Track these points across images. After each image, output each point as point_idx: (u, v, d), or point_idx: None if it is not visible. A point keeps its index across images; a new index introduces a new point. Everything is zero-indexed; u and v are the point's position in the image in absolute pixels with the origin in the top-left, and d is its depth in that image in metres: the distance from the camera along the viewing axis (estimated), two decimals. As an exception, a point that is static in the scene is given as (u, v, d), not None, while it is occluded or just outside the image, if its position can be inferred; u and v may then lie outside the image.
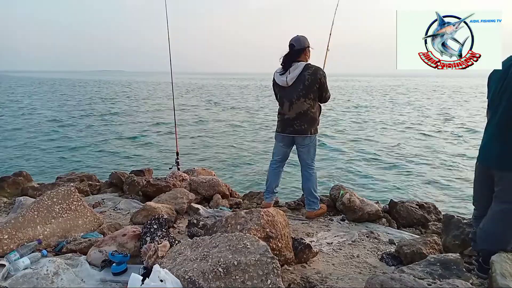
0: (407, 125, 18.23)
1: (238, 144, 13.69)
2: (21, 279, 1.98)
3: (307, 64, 3.19)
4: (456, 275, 1.99)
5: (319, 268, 2.42)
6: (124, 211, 3.58)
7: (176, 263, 1.92)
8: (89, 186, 4.52)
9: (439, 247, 2.55)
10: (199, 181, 4.06)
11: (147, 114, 22.79)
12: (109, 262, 2.16)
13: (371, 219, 3.37)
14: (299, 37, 3.23)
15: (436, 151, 12.28)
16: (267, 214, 2.35)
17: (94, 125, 18.20)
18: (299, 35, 3.24)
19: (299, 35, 3.24)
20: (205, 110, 25.19)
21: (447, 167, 10.12)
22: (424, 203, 3.68)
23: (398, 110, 25.47)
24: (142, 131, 16.47)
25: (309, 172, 3.39)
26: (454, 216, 2.80)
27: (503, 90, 2.09)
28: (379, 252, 2.71)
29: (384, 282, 1.76)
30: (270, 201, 3.59)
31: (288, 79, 3.20)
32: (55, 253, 2.44)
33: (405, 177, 9.28)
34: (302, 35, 3.25)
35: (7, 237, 2.39)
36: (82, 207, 2.83)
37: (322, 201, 3.62)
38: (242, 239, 1.95)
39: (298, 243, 2.45)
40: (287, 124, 3.32)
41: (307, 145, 3.33)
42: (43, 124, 18.07)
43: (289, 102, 3.26)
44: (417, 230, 3.35)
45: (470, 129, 16.77)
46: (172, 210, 3.24)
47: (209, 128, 17.38)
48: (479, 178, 2.34)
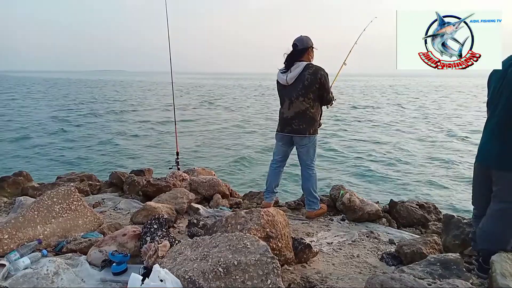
0: (407, 125, 18.24)
1: (238, 144, 13.70)
2: (21, 279, 1.98)
3: (308, 63, 3.20)
4: (456, 275, 1.99)
5: (319, 268, 2.42)
6: (124, 211, 3.58)
7: (176, 263, 1.92)
8: (89, 186, 4.51)
9: (439, 247, 2.56)
10: (199, 181, 4.07)
11: (147, 114, 22.79)
12: (109, 262, 2.16)
13: (371, 219, 3.38)
14: (303, 37, 3.24)
15: (436, 151, 12.29)
16: (267, 214, 2.35)
17: (94, 125, 18.21)
18: (302, 35, 3.26)
19: (302, 35, 3.26)
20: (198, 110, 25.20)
21: (447, 167, 10.13)
22: (424, 203, 3.68)
23: (398, 110, 25.47)
24: (142, 131, 16.47)
25: (309, 173, 3.39)
26: (454, 216, 2.80)
27: (502, 89, 2.09)
28: (379, 252, 2.71)
29: (384, 282, 1.76)
30: (270, 201, 3.60)
31: (289, 78, 3.21)
32: (55, 253, 2.44)
33: (405, 177, 9.29)
34: (305, 35, 3.26)
35: (7, 237, 2.39)
36: (82, 207, 2.83)
37: (322, 201, 3.62)
38: (242, 239, 1.95)
39: (298, 243, 2.45)
40: (286, 123, 3.33)
41: (305, 145, 3.33)
42: (43, 124, 18.08)
43: (289, 101, 3.27)
44: (417, 230, 3.35)
45: (470, 128, 16.78)
46: (172, 210, 3.24)
47: (208, 128, 17.38)
48: (478, 177, 2.34)
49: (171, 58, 5.01)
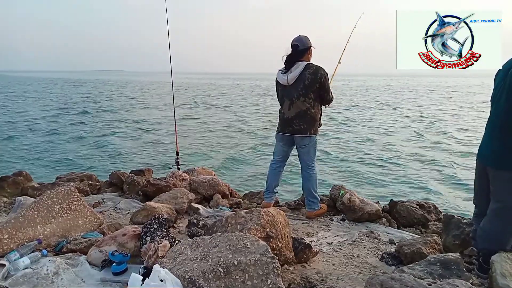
0: (407, 124, 18.23)
1: (238, 144, 13.70)
2: (21, 279, 1.98)
3: (308, 63, 3.20)
4: (456, 275, 1.99)
5: (319, 268, 2.42)
6: (124, 211, 3.58)
7: (176, 263, 1.92)
8: (89, 186, 4.51)
9: (439, 247, 2.55)
10: (199, 181, 4.06)
11: (147, 114, 22.78)
12: (109, 262, 2.16)
13: (371, 219, 3.37)
14: (302, 37, 3.23)
15: (436, 151, 12.29)
16: (267, 214, 2.35)
17: (94, 125, 18.21)
18: (301, 35, 3.25)
19: (301, 35, 3.25)
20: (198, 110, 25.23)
21: (448, 167, 10.13)
22: (424, 203, 3.68)
23: (397, 109, 25.47)
24: (142, 131, 16.47)
25: (309, 173, 3.39)
26: (454, 216, 2.80)
27: (502, 89, 2.10)
28: (379, 252, 2.71)
29: (384, 282, 1.76)
30: (270, 201, 3.60)
31: (289, 78, 3.21)
32: (55, 252, 2.44)
33: (405, 176, 9.29)
34: (304, 35, 3.25)
35: (7, 236, 2.39)
36: (82, 207, 2.83)
37: (322, 201, 3.62)
38: (242, 239, 1.95)
39: (298, 243, 2.45)
40: (287, 124, 3.32)
41: (306, 145, 3.33)
42: (44, 124, 18.08)
43: (290, 101, 3.27)
44: (417, 230, 3.35)
45: (470, 128, 16.79)
46: (172, 210, 3.24)
47: (207, 128, 17.38)
48: (478, 175, 2.34)
49: (171, 58, 5.01)
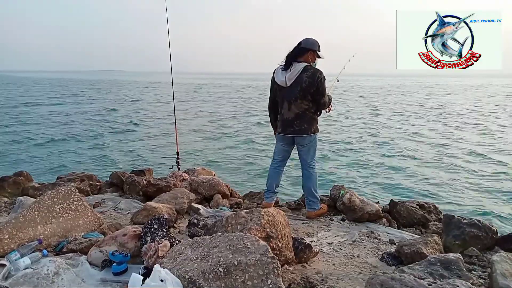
0: (407, 124, 18.23)
1: (238, 143, 13.70)
2: (21, 279, 1.98)
3: (307, 65, 3.19)
4: (456, 275, 1.99)
5: (319, 268, 2.42)
6: (124, 211, 3.58)
7: (176, 263, 1.92)
8: (89, 186, 4.52)
9: (440, 247, 2.55)
10: (199, 181, 4.07)
11: (147, 113, 22.79)
12: (110, 262, 2.16)
13: (372, 219, 3.37)
14: (310, 38, 3.23)
15: (436, 150, 12.28)
16: (268, 214, 2.35)
17: (94, 124, 18.21)
18: (312, 38, 3.24)
19: (312, 38, 3.24)
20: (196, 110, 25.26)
21: (448, 167, 10.12)
22: (425, 203, 3.68)
23: (397, 109, 25.46)
24: (142, 131, 16.47)
25: (310, 172, 3.40)
26: (454, 216, 2.80)
27: None
28: (379, 252, 2.71)
29: (385, 282, 1.76)
30: (271, 201, 3.59)
31: (287, 80, 3.20)
32: (56, 253, 2.44)
33: (406, 176, 9.28)
34: (314, 39, 3.23)
35: (7, 236, 2.39)
36: (83, 207, 2.83)
37: (322, 201, 3.62)
38: (243, 239, 1.95)
39: (298, 243, 2.45)
40: (287, 125, 3.32)
41: (307, 144, 3.34)
42: (44, 124, 18.08)
43: (288, 103, 3.27)
44: (418, 230, 3.35)
45: (471, 128, 16.78)
46: (173, 210, 3.24)
47: (206, 127, 17.38)
48: None
49: (171, 58, 5.01)
